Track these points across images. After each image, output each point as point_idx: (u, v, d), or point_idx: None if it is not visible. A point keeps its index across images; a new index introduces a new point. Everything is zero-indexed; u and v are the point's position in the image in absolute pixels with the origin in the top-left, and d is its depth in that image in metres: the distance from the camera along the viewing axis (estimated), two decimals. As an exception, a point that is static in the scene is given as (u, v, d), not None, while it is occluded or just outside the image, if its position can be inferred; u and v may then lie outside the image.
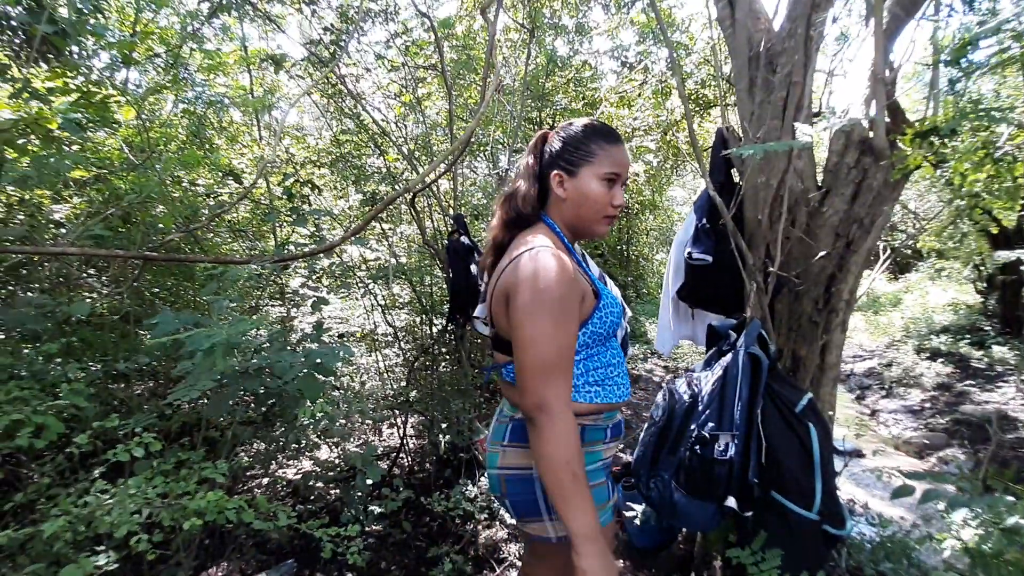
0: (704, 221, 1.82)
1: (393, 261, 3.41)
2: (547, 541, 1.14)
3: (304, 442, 2.66)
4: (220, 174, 2.98)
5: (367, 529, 2.65)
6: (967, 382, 4.82)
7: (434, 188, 2.96)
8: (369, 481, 2.62)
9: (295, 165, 3.06)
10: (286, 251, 2.49)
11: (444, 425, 3.28)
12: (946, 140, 1.07)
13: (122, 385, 2.25)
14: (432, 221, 3.37)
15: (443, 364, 3.43)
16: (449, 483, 2.87)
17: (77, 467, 1.65)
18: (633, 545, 2.20)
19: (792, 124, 1.52)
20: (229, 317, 1.75)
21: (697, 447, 1.32)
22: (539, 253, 1.04)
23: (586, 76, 6.16)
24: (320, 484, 2.93)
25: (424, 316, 3.49)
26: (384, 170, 3.13)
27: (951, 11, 1.09)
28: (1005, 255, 5.12)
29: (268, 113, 3.27)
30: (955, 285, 7.37)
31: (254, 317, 2.63)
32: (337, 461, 3.01)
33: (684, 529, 2.08)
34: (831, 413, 1.70)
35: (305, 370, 1.52)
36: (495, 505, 2.58)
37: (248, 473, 2.91)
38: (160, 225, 2.45)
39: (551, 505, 1.07)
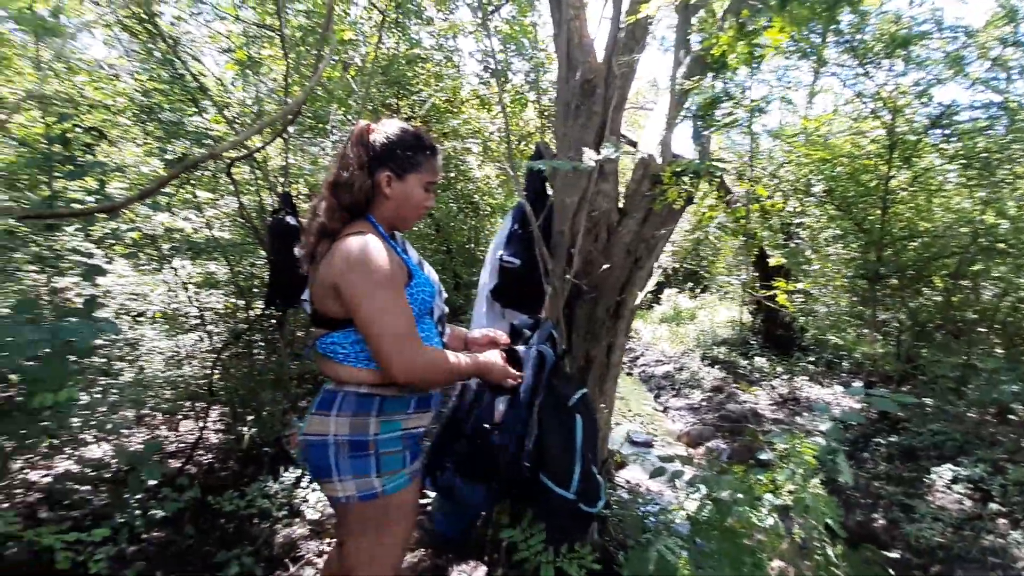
0: (517, 227, 1.95)
1: (209, 234, 3.04)
2: (338, 501, 1.22)
3: (63, 437, 2.24)
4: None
5: (143, 536, 2.32)
6: (733, 385, 5.90)
7: (259, 160, 2.71)
8: (152, 482, 2.30)
9: (78, 106, 2.56)
10: (58, 208, 2.07)
11: (251, 418, 3.02)
12: (694, 181, 1.32)
13: None
14: (259, 196, 3.08)
15: (257, 351, 3.16)
16: (253, 481, 2.66)
17: None
18: (436, 532, 2.26)
19: (593, 149, 1.72)
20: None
21: (480, 435, 1.41)
22: (365, 241, 1.16)
23: (449, 73, 6.17)
24: (87, 487, 2.50)
25: (241, 298, 3.17)
26: (202, 130, 2.77)
27: (701, 78, 1.36)
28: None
29: (58, 40, 2.68)
30: (735, 306, 8.96)
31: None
32: (109, 460, 2.59)
33: (483, 513, 2.21)
34: (602, 405, 1.94)
35: (49, 349, 1.28)
36: (296, 501, 2.45)
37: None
38: None
39: (340, 468, 1.19)
